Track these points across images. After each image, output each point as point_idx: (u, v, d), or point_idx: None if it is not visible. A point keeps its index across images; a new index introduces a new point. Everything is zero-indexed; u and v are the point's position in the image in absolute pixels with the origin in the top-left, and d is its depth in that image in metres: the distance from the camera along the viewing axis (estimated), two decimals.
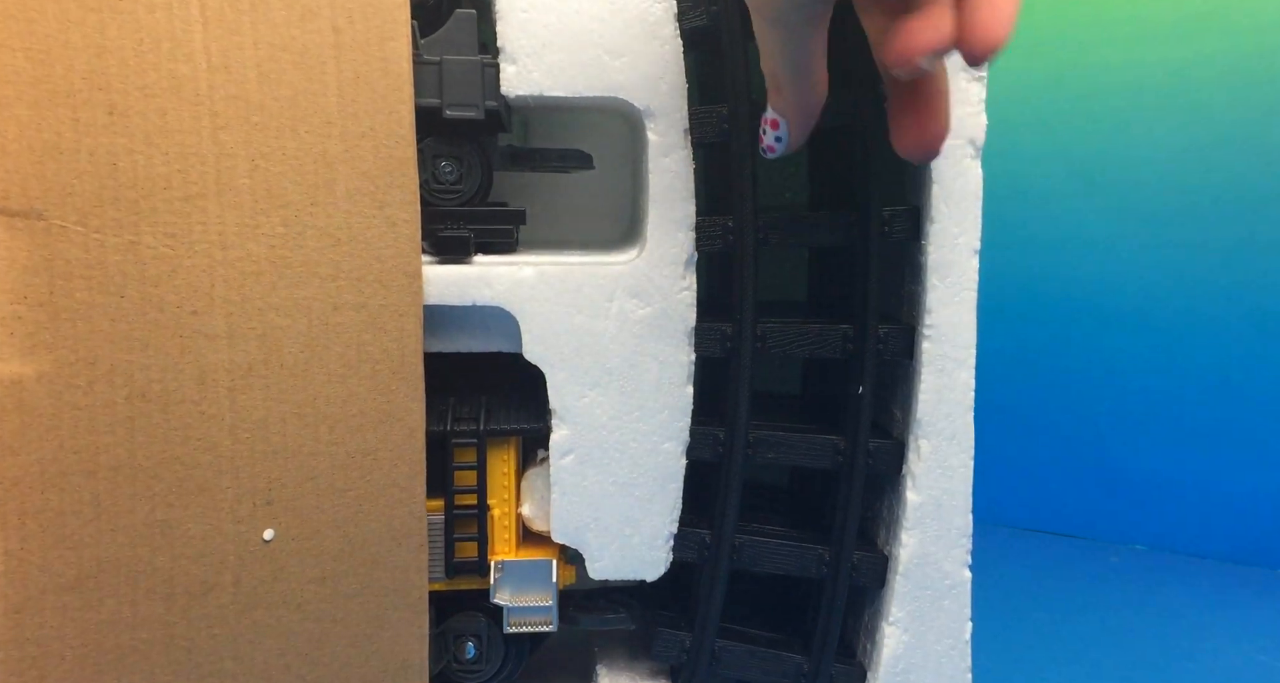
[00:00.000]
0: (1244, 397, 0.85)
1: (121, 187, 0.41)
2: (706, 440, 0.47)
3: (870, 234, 0.45)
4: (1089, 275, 0.89)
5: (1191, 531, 0.89)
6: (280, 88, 0.42)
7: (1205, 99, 0.82)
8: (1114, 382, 0.90)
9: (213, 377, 0.42)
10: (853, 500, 0.48)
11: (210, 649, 0.44)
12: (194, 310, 0.42)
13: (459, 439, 0.47)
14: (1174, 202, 0.84)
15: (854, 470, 0.47)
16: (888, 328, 0.46)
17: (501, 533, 0.49)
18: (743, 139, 0.44)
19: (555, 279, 0.45)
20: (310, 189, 0.42)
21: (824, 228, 0.46)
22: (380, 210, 0.43)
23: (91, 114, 0.40)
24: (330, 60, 0.42)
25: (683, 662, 0.50)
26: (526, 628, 0.48)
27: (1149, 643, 0.73)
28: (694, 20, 0.44)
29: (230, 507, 0.43)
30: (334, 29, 0.42)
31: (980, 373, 0.47)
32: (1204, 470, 0.88)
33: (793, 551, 0.48)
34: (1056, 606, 0.79)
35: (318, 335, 0.43)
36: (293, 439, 0.43)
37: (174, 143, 0.41)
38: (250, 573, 0.44)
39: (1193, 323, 0.86)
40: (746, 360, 0.46)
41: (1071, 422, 0.92)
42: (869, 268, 0.46)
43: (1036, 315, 0.91)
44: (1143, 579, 0.85)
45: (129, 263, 0.41)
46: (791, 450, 0.47)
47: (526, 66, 0.44)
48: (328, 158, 0.42)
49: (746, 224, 0.45)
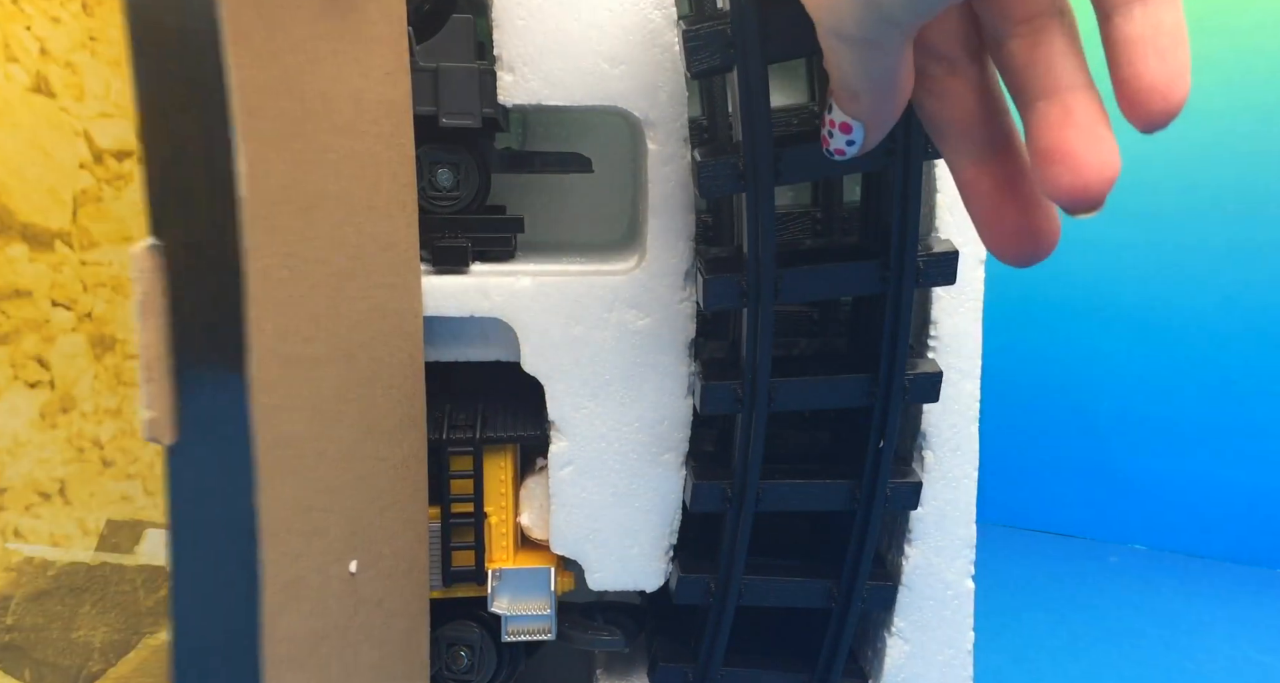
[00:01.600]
0: (1244, 397, 0.85)
1: (257, 203, 0.36)
2: (714, 494, 0.45)
3: (904, 285, 0.41)
4: (1089, 275, 0.88)
5: (1191, 531, 0.89)
6: (346, 82, 0.39)
7: (1205, 99, 0.81)
8: (1114, 382, 0.90)
9: (321, 408, 0.39)
10: (867, 543, 0.46)
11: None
12: (307, 337, 0.38)
13: (455, 447, 0.47)
14: (1174, 202, 0.84)
15: (871, 514, 0.45)
16: (913, 376, 0.43)
17: (499, 541, 0.48)
18: (760, 190, 0.39)
19: (553, 290, 0.45)
20: (368, 193, 0.40)
21: (850, 279, 0.42)
22: (403, 212, 0.42)
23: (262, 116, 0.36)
24: (374, 54, 0.40)
25: None
26: (525, 636, 0.48)
27: (1149, 643, 0.73)
28: (706, 61, 0.38)
29: (334, 548, 0.40)
30: (371, 21, 0.40)
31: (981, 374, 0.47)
32: (1204, 470, 0.88)
33: (800, 587, 0.47)
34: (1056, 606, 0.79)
35: (376, 348, 0.41)
36: (366, 462, 0.41)
37: (291, 149, 0.37)
38: (343, 612, 0.41)
39: (1193, 323, 0.86)
40: (760, 420, 0.43)
41: (1071, 422, 0.92)
42: (899, 319, 0.41)
43: (1036, 315, 0.91)
44: (1143, 579, 0.85)
45: (264, 292, 0.37)
46: (805, 498, 0.45)
47: (524, 75, 0.43)
48: (376, 159, 0.40)
49: (765, 280, 0.40)
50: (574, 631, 0.50)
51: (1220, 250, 0.84)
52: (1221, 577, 0.85)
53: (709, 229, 0.48)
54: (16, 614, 0.58)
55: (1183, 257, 0.85)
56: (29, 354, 0.55)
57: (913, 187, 0.39)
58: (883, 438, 0.43)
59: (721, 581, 0.46)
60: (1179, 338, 0.87)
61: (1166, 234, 0.85)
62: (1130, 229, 0.86)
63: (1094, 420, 0.91)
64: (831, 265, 0.42)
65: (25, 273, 0.55)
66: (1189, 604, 0.80)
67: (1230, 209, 0.82)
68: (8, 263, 0.55)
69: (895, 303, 0.41)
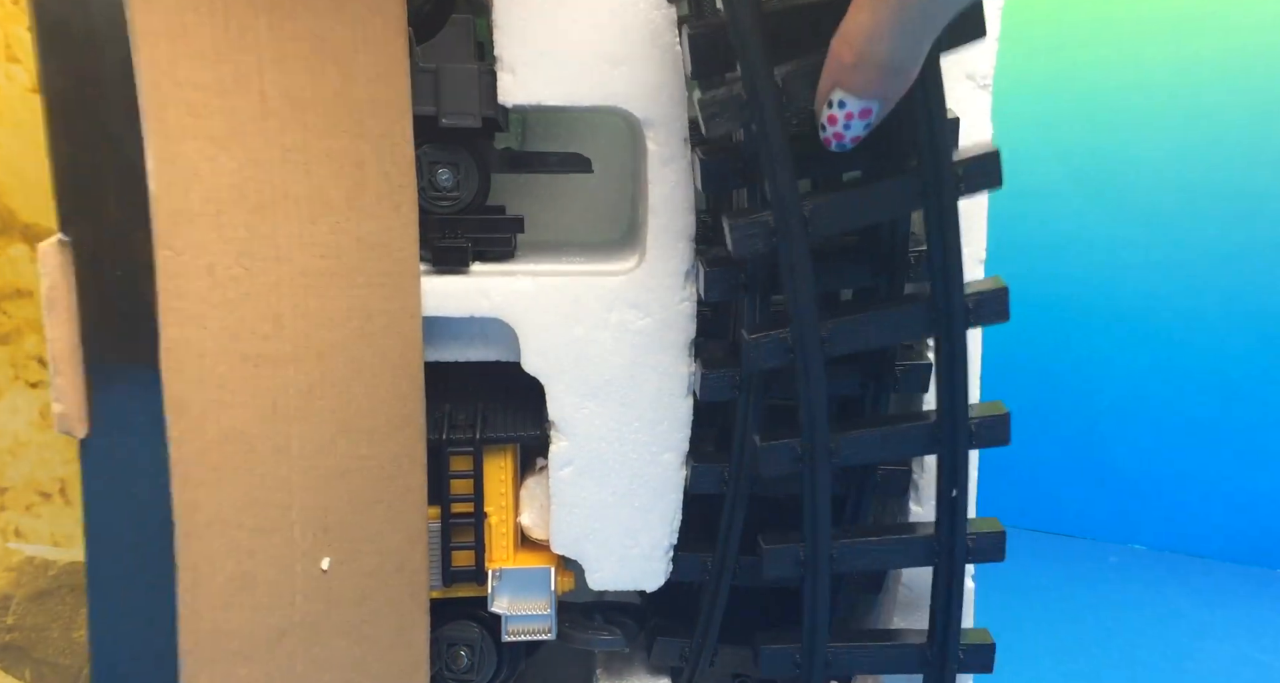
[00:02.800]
0: (1244, 397, 0.85)
1: (201, 201, 0.38)
2: (712, 475, 0.46)
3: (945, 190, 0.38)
4: (1088, 275, 0.88)
5: (1191, 531, 0.89)
6: (324, 84, 0.39)
7: (1205, 99, 0.81)
8: (1114, 382, 0.90)
9: (282, 405, 0.40)
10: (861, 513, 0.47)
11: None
12: (265, 335, 0.39)
13: (455, 448, 0.47)
14: (1174, 202, 0.84)
15: (863, 493, 0.46)
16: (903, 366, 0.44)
17: (499, 540, 0.48)
18: (794, 249, 0.38)
19: (554, 290, 0.45)
20: (349, 193, 0.40)
21: (881, 200, 0.39)
22: (397, 213, 0.42)
23: (175, 115, 0.37)
24: (360, 54, 0.40)
25: (681, 666, 0.49)
26: (524, 636, 0.48)
27: (1149, 643, 0.73)
28: (722, 124, 0.37)
29: (298, 543, 0.41)
30: (360, 21, 0.40)
31: (980, 373, 0.47)
32: (1204, 470, 0.88)
33: None
34: (1056, 606, 0.79)
35: (357, 347, 0.41)
36: (341, 459, 0.41)
37: (243, 147, 0.38)
38: (312, 609, 0.42)
39: (1193, 323, 0.86)
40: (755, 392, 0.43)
41: (1071, 422, 0.92)
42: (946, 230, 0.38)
43: (1036, 315, 0.91)
44: (1143, 579, 0.85)
45: (209, 289, 0.38)
46: None
47: (524, 76, 0.43)
48: (360, 159, 0.40)
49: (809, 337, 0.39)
50: (574, 630, 0.50)
51: (1220, 250, 0.84)
52: (1221, 577, 0.85)
53: (709, 229, 0.48)
54: (17, 614, 0.58)
55: (1183, 257, 0.85)
56: (30, 354, 0.55)
57: (949, 222, 0.38)
58: None
59: (718, 558, 0.47)
60: (1179, 338, 0.87)
61: (1166, 234, 0.85)
62: (1130, 229, 0.86)
63: (1094, 420, 0.91)
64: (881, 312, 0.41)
65: (26, 273, 0.55)
66: (1189, 604, 0.80)
67: (1230, 209, 0.82)
68: (9, 263, 0.55)
69: (948, 339, 0.40)
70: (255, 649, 0.40)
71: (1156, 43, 0.83)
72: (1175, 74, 0.82)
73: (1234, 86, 0.81)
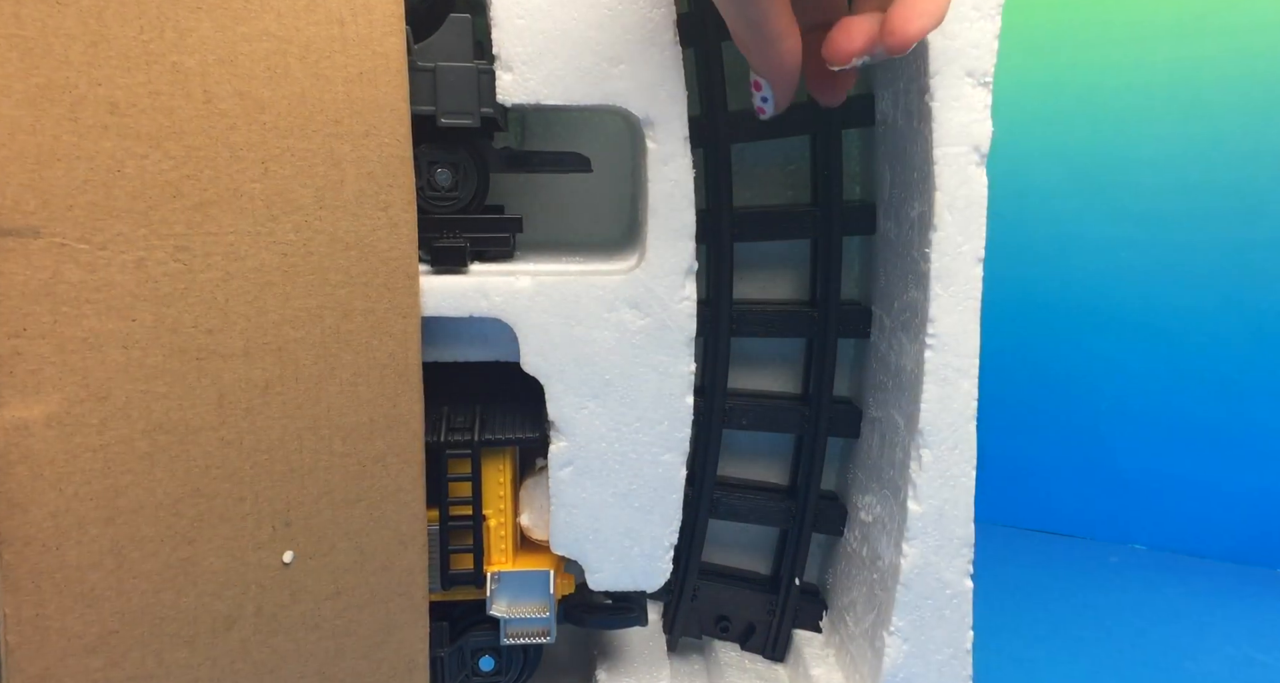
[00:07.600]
0: (1244, 397, 0.85)
1: (128, 196, 0.37)
2: None
3: None
4: (1089, 274, 0.88)
5: (1191, 531, 0.89)
6: (288, 84, 0.39)
7: (1205, 99, 0.81)
8: (1114, 382, 0.90)
9: (231, 399, 0.40)
10: None
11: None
12: (209, 329, 0.39)
13: (453, 450, 0.46)
14: (1174, 202, 0.84)
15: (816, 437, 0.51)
16: None
17: (498, 544, 0.48)
18: None
19: (553, 290, 0.45)
20: (320, 192, 0.40)
21: None
22: (384, 212, 0.42)
23: (92, 113, 0.37)
24: (338, 54, 0.40)
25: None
26: (524, 640, 0.48)
27: (1149, 643, 0.73)
28: None
29: (251, 534, 0.41)
30: (339, 21, 0.40)
31: (980, 372, 0.46)
32: (1204, 470, 0.88)
33: None
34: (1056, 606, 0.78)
35: (330, 345, 0.41)
36: (309, 455, 0.41)
37: (183, 146, 0.38)
38: (271, 599, 0.41)
39: (1193, 323, 0.86)
40: None
41: (1071, 422, 0.92)
42: None
43: (1036, 315, 0.90)
44: (1143, 579, 0.84)
45: (139, 282, 0.38)
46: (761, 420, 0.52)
47: (523, 74, 0.43)
48: (335, 158, 0.40)
49: None
50: (587, 613, 0.50)
51: (1220, 250, 0.83)
52: (1221, 577, 0.85)
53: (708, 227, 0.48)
54: None
55: (1183, 257, 0.85)
56: None
57: None
58: None
59: (695, 490, 0.50)
60: (1179, 338, 0.86)
61: (1166, 234, 0.85)
62: (1130, 229, 0.86)
63: (1094, 420, 0.91)
64: None
65: None
66: (1189, 604, 0.80)
67: (1230, 209, 0.82)
68: None
69: None
70: (198, 634, 0.41)
71: (1156, 43, 0.82)
72: (1175, 74, 0.82)
73: (1234, 86, 0.80)
